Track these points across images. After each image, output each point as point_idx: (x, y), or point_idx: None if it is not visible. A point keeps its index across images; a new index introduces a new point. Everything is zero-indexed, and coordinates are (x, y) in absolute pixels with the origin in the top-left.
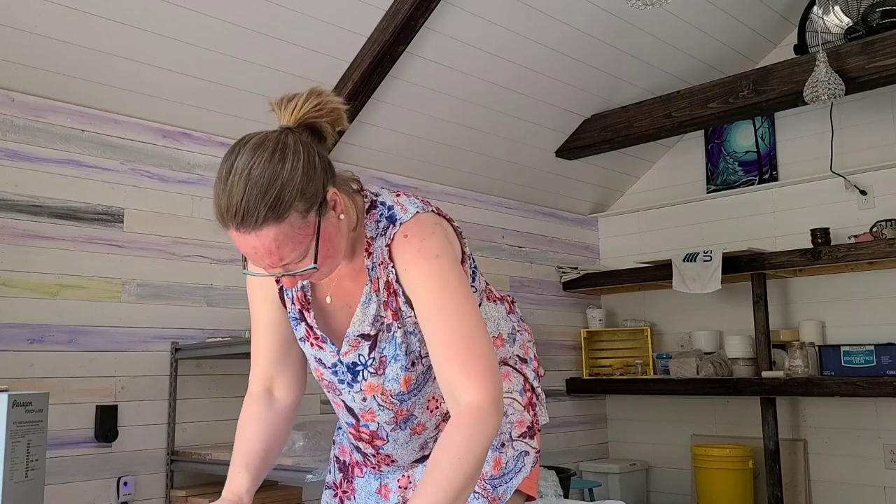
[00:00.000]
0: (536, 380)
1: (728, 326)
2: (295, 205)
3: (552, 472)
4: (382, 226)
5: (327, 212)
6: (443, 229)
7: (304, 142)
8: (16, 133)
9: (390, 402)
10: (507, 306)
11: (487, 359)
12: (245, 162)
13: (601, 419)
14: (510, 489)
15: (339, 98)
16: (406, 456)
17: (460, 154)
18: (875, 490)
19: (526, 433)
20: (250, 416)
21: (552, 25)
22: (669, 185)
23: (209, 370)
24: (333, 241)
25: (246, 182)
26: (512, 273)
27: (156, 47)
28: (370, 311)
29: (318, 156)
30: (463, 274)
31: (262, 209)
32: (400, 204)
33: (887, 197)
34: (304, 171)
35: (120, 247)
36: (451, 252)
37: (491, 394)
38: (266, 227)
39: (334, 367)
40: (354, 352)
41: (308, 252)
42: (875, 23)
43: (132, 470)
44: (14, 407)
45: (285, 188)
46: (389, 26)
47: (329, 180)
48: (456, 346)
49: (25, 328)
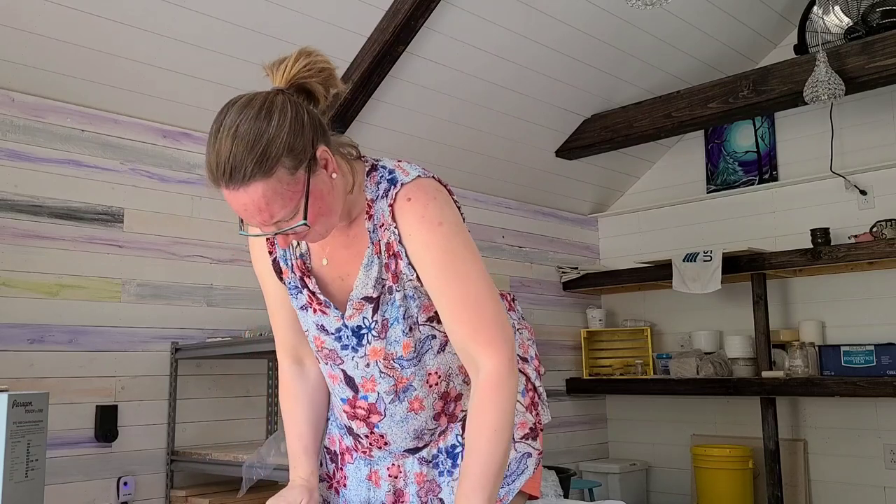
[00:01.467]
0: (538, 379)
1: (728, 326)
2: (282, 160)
3: (552, 472)
4: (383, 188)
5: (318, 169)
6: (444, 195)
7: (294, 101)
8: (16, 133)
9: (392, 367)
10: (507, 304)
11: (497, 321)
12: (232, 120)
13: (601, 419)
14: (513, 491)
15: (327, 58)
16: (400, 438)
17: (460, 154)
18: (875, 490)
19: (528, 434)
20: (290, 395)
21: (552, 25)
22: (669, 185)
23: (209, 370)
24: (326, 199)
25: (233, 139)
26: (512, 273)
27: (156, 47)
28: (372, 274)
29: (308, 114)
30: (468, 239)
31: (249, 164)
32: (401, 168)
33: (887, 197)
34: (291, 127)
35: (120, 247)
36: (454, 217)
37: (506, 356)
38: (254, 183)
39: (338, 332)
40: (359, 315)
41: (298, 209)
42: (875, 23)
43: (132, 470)
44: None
45: (272, 143)
46: (389, 26)
47: (319, 139)
48: (466, 314)
49: (25, 328)
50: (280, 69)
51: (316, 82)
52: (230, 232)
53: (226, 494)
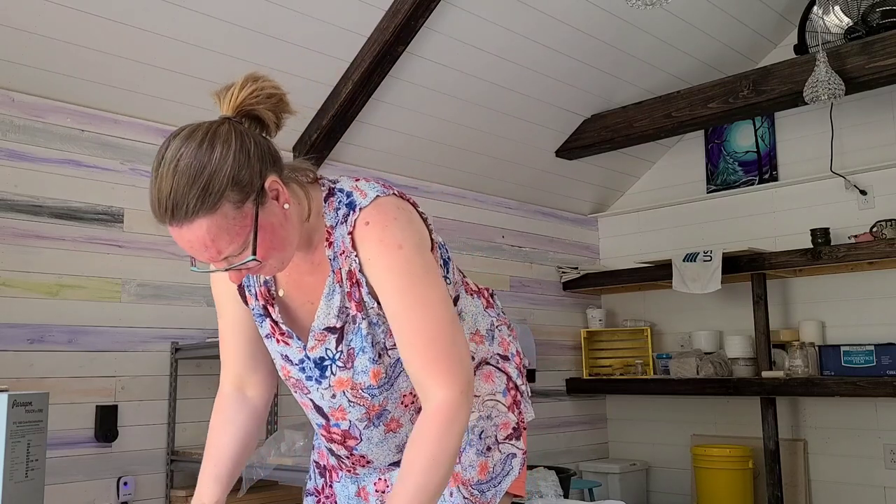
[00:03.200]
0: (520, 377)
1: (728, 326)
2: (226, 194)
3: (552, 472)
4: (342, 213)
5: (267, 202)
6: (406, 213)
7: (240, 130)
8: (16, 133)
9: (361, 396)
10: (485, 300)
11: (454, 351)
12: (173, 153)
13: (601, 419)
14: (499, 493)
15: (276, 83)
16: (382, 456)
17: (460, 154)
18: (875, 490)
19: (511, 435)
20: (222, 420)
21: (552, 25)
22: (669, 185)
23: (209, 370)
24: (278, 232)
25: (174, 174)
26: (512, 273)
27: (156, 47)
28: (334, 303)
29: (256, 143)
30: (430, 260)
31: (191, 200)
32: (359, 189)
33: (887, 197)
34: (235, 158)
35: (120, 247)
36: (415, 238)
37: (459, 387)
38: (198, 220)
39: (301, 363)
40: (321, 346)
41: (247, 244)
42: (875, 23)
43: (132, 470)
44: (14, 407)
45: (214, 177)
46: (389, 26)
47: (268, 169)
48: (421, 342)
49: (25, 328)
50: (227, 96)
51: (265, 109)
52: None
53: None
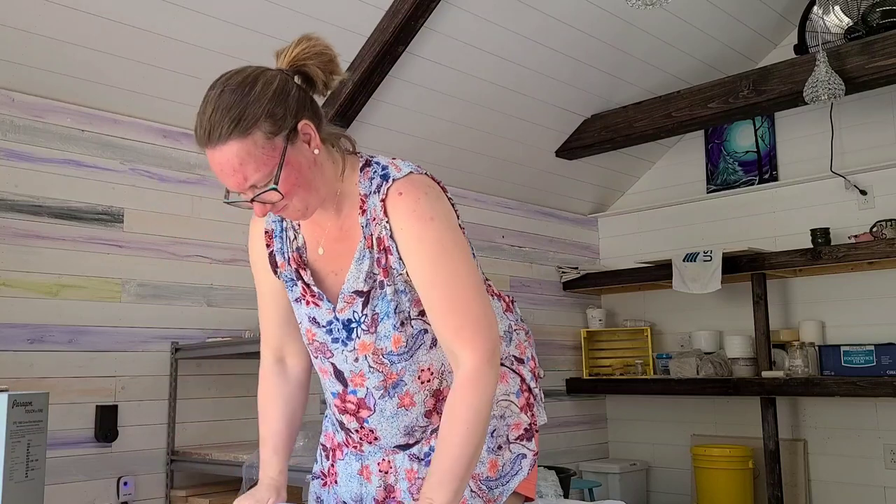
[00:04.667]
0: (534, 380)
1: (728, 326)
2: (259, 123)
3: (552, 472)
4: (376, 183)
5: (298, 142)
6: (436, 192)
7: (285, 76)
8: (16, 133)
9: (381, 362)
10: (505, 304)
11: (481, 319)
12: (220, 87)
13: (601, 419)
14: (507, 492)
15: (328, 43)
16: (390, 434)
17: (460, 154)
18: (875, 490)
19: (523, 435)
20: (268, 394)
21: (552, 25)
22: (669, 185)
23: (209, 370)
24: (304, 172)
25: (217, 102)
26: (512, 273)
27: (156, 47)
28: (363, 268)
29: (298, 89)
30: (460, 236)
31: (225, 124)
32: (394, 164)
33: (887, 197)
34: (274, 94)
35: (120, 247)
36: (447, 213)
37: (486, 353)
38: (230, 142)
39: (329, 324)
40: (349, 308)
41: (273, 176)
42: (875, 23)
43: (132, 470)
44: (14, 407)
45: (250, 106)
46: (389, 26)
47: (304, 113)
48: (450, 310)
49: (25, 328)
50: (283, 53)
51: (314, 65)
52: (230, 232)
53: (226, 494)
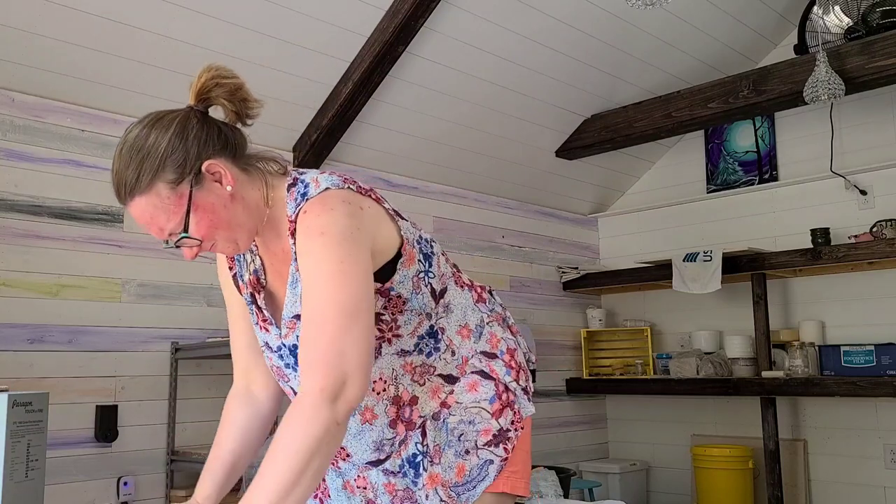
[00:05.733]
0: (511, 373)
1: (728, 326)
2: (159, 175)
3: (552, 472)
4: (297, 203)
5: (207, 183)
6: (348, 207)
7: (186, 115)
8: (16, 133)
9: None
10: (476, 295)
11: (332, 345)
12: (121, 143)
13: (601, 419)
14: (472, 497)
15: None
16: (360, 450)
17: (460, 154)
18: (875, 490)
19: (491, 441)
20: (226, 419)
21: (552, 25)
22: (669, 185)
23: (209, 370)
24: (219, 212)
25: (119, 161)
26: (512, 273)
27: (155, 47)
28: (298, 291)
29: (201, 127)
30: (354, 254)
31: (130, 181)
32: (315, 181)
33: (887, 197)
34: (169, 142)
35: (120, 247)
36: (344, 230)
37: (322, 383)
38: (136, 199)
39: (279, 350)
40: (293, 333)
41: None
42: (875, 23)
43: (132, 470)
44: (14, 407)
45: (146, 159)
46: (389, 26)
47: (211, 152)
48: (307, 329)
49: (25, 328)
50: (192, 86)
51: (220, 97)
52: None
53: (226, 494)
